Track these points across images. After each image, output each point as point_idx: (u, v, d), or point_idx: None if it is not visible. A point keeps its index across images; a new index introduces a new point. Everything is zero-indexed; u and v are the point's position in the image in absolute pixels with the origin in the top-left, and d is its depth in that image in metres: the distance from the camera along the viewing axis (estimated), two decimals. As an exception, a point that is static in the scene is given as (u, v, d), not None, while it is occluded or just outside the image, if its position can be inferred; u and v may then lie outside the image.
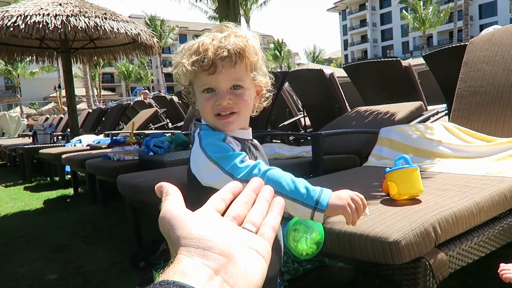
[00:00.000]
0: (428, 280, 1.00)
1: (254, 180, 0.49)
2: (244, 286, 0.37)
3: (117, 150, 3.25)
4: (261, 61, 0.93)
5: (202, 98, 0.90)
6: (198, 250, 0.37)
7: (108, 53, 7.40)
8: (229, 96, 0.88)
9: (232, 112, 0.90)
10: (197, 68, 0.86)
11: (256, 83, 0.93)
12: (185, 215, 0.40)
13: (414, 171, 1.20)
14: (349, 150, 2.73)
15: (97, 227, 3.03)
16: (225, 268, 0.36)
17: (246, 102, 0.91)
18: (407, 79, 3.77)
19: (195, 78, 0.90)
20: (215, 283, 0.35)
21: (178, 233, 0.38)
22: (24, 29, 4.91)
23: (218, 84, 0.87)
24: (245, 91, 0.90)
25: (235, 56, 0.86)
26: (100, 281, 2.04)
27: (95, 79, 37.96)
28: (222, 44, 0.86)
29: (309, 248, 0.90)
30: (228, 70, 0.86)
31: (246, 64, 0.88)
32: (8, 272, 2.27)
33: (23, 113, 25.40)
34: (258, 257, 0.40)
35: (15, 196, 4.66)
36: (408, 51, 56.01)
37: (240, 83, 0.89)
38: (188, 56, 0.88)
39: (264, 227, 0.44)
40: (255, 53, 0.90)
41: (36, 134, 6.56)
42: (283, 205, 0.48)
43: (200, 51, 0.86)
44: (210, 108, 0.89)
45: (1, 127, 15.75)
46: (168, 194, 0.43)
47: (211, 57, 0.84)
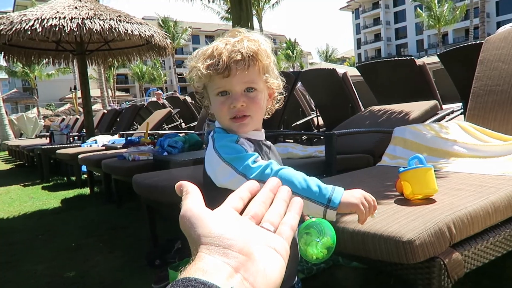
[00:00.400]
0: (443, 280, 1.00)
1: (271, 180, 0.50)
2: (263, 284, 0.38)
3: (132, 150, 3.30)
4: (273, 64, 0.95)
5: (217, 102, 0.93)
6: (218, 248, 0.38)
7: (122, 55, 7.51)
8: (243, 99, 0.90)
9: (245, 115, 0.92)
10: (212, 72, 0.88)
11: (268, 85, 0.95)
12: (205, 213, 0.41)
13: (428, 170, 1.19)
14: (363, 149, 2.72)
15: (112, 226, 3.09)
16: (245, 266, 0.37)
17: (259, 105, 0.93)
18: (422, 78, 3.74)
19: (210, 82, 0.92)
20: (235, 280, 0.36)
21: (198, 232, 0.39)
22: (41, 32, 5.02)
23: (232, 86, 0.90)
24: (258, 94, 0.92)
25: (248, 59, 0.88)
26: (116, 279, 2.08)
27: (109, 81, 38.48)
28: (235, 48, 0.88)
29: (319, 252, 0.89)
30: (241, 73, 0.88)
31: (259, 67, 0.91)
32: (28, 270, 2.32)
33: (40, 114, 25.90)
34: (276, 255, 0.41)
35: (34, 195, 4.77)
36: (423, 49, 55.26)
37: (253, 85, 0.91)
38: (203, 60, 0.90)
39: (282, 226, 0.44)
40: (267, 56, 0.93)
41: (53, 135, 6.68)
42: (302, 205, 0.49)
43: (215, 55, 0.89)
44: (225, 112, 0.92)
45: (19, 128, 16.10)
46: (188, 193, 0.44)
47: (225, 61, 0.87)
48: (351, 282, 1.82)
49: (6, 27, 5.05)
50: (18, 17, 5.19)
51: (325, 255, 0.88)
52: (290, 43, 49.32)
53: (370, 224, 1.05)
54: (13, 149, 9.98)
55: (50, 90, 44.73)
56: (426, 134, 2.07)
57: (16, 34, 5.00)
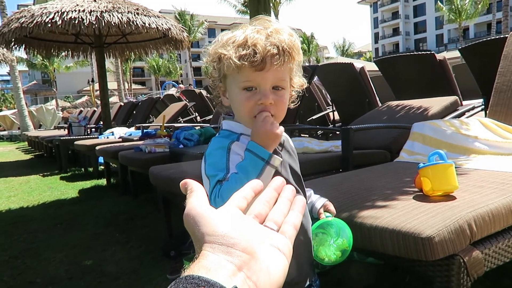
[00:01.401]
0: (462, 278, 0.98)
1: (276, 179, 0.50)
2: (266, 282, 0.38)
3: (149, 142, 3.34)
4: (301, 61, 0.89)
5: (242, 96, 0.84)
6: (222, 247, 0.38)
7: (139, 48, 7.58)
8: (272, 96, 0.83)
9: None
10: (247, 63, 0.80)
11: (291, 83, 0.89)
12: (209, 212, 0.41)
13: (449, 167, 1.17)
14: (379, 145, 2.69)
15: (129, 217, 3.13)
16: (248, 264, 0.38)
17: (285, 104, 0.87)
18: (442, 73, 3.66)
19: (237, 73, 0.83)
20: (238, 279, 0.36)
21: (202, 230, 0.40)
22: (61, 25, 5.10)
23: (263, 81, 0.82)
24: (285, 93, 0.86)
25: (284, 55, 0.81)
26: (132, 269, 2.11)
27: (126, 73, 38.91)
28: (272, 40, 0.81)
29: (332, 254, 0.84)
30: (276, 68, 0.81)
31: (292, 64, 0.85)
32: (47, 257, 2.38)
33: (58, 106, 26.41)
34: (280, 255, 0.41)
35: (52, 185, 4.87)
36: (442, 44, 54.13)
37: (282, 83, 0.85)
38: (235, 49, 0.81)
39: (285, 225, 0.45)
40: (300, 52, 0.86)
41: (71, 126, 6.80)
42: (305, 204, 0.49)
43: (249, 45, 0.80)
44: (250, 108, 0.84)
45: (39, 119, 16.45)
46: (193, 191, 0.44)
47: (262, 53, 0.79)
48: (366, 278, 1.81)
49: (27, 19, 5.15)
50: (38, 10, 5.28)
51: (338, 258, 0.84)
52: (306, 37, 48.90)
53: (389, 220, 1.04)
54: (32, 139, 10.21)
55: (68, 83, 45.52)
56: (446, 130, 2.04)
57: (37, 27, 5.10)
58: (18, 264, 2.31)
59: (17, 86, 13.90)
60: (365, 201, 1.23)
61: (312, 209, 0.99)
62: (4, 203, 4.01)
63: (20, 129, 15.50)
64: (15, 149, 12.20)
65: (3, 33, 5.42)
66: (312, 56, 48.96)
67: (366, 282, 1.75)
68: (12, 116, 18.99)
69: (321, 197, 1.02)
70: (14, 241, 2.75)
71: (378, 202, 1.19)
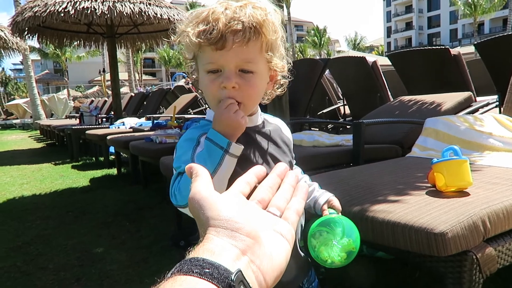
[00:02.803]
0: (475, 274, 0.98)
1: (279, 166, 0.50)
2: (269, 267, 0.38)
3: (159, 133, 3.35)
4: (279, 41, 0.78)
5: (206, 79, 0.77)
6: (226, 231, 0.38)
7: (151, 39, 7.60)
8: (236, 79, 0.74)
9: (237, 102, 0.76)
10: (203, 41, 0.72)
11: (270, 66, 0.79)
12: (214, 196, 0.41)
13: (464, 163, 1.16)
14: (391, 140, 2.67)
15: (139, 207, 3.16)
16: (252, 249, 0.38)
17: (255, 90, 0.77)
18: (456, 68, 3.61)
19: (200, 52, 0.76)
20: (242, 262, 0.37)
21: (207, 214, 0.40)
22: (73, 14, 5.13)
23: (226, 62, 0.74)
24: (255, 77, 0.76)
25: (250, 31, 0.72)
26: (142, 258, 2.14)
27: (136, 64, 39.07)
28: (236, 15, 0.72)
29: (336, 256, 0.75)
30: (239, 47, 0.72)
31: (262, 42, 0.74)
32: (59, 244, 2.42)
33: (69, 95, 26.66)
34: (282, 240, 0.42)
35: (64, 173, 4.94)
36: (456, 39, 53.29)
37: (250, 66, 0.75)
38: (195, 25, 0.74)
39: (288, 211, 0.45)
40: (274, 30, 0.75)
41: (83, 116, 6.87)
42: (307, 190, 0.49)
43: (210, 20, 0.72)
44: (215, 91, 0.76)
45: (50, 108, 16.65)
46: (198, 176, 0.44)
47: (221, 29, 0.71)
48: (375, 272, 1.80)
49: (41, 9, 5.19)
50: (51, 0, 5.31)
51: (343, 260, 0.75)
52: (318, 30, 48.47)
53: (401, 215, 1.03)
54: (44, 128, 10.35)
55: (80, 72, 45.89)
56: (460, 126, 2.01)
57: (50, 16, 5.13)
58: (31, 250, 2.35)
59: (29, 75, 14.06)
60: (377, 195, 1.22)
61: (315, 205, 0.90)
62: (17, 190, 4.08)
63: (32, 118, 15.72)
64: (27, 137, 12.38)
65: (17, 22, 5.48)
66: (323, 49, 48.56)
67: (375, 277, 1.75)
68: (24, 104, 19.26)
69: (326, 192, 0.92)
70: (27, 228, 2.80)
71: (390, 197, 1.19)
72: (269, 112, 0.94)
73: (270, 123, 0.89)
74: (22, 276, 1.98)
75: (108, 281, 1.88)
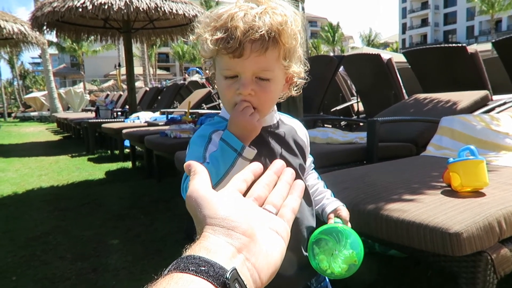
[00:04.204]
0: (489, 275, 0.98)
1: (276, 163, 0.51)
2: (265, 264, 0.39)
3: (174, 128, 3.39)
4: (298, 47, 0.77)
5: (223, 84, 0.77)
6: (223, 229, 0.39)
7: (166, 34, 7.65)
8: (253, 86, 0.74)
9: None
10: (221, 49, 0.72)
11: (287, 72, 0.79)
12: (211, 195, 0.42)
13: (480, 163, 1.15)
14: (405, 138, 2.65)
15: (153, 200, 3.22)
16: (248, 247, 0.39)
17: (270, 96, 0.78)
18: (473, 66, 3.56)
19: (217, 57, 0.76)
20: (238, 260, 0.38)
21: (204, 212, 0.41)
22: (91, 10, 5.20)
23: (243, 70, 0.73)
24: (271, 85, 0.76)
25: (268, 41, 0.70)
26: (157, 250, 2.18)
27: (151, 59, 39.32)
28: (255, 24, 0.70)
29: (337, 267, 0.71)
30: (257, 56, 0.71)
31: (280, 50, 0.73)
32: (76, 235, 2.48)
33: (85, 89, 27.02)
34: (278, 238, 0.43)
35: (80, 166, 5.03)
36: (473, 36, 52.24)
37: (267, 74, 0.74)
38: (213, 31, 0.73)
39: (284, 209, 0.46)
40: (294, 37, 0.74)
41: (99, 109, 6.97)
42: (303, 188, 0.50)
43: (228, 27, 0.71)
44: (231, 96, 0.76)
45: (67, 101, 16.91)
46: (196, 174, 0.45)
47: (239, 38, 0.69)
48: (387, 271, 1.81)
49: (59, 4, 5.27)
50: (70, -5, 5.39)
51: (343, 272, 0.72)
52: (331, 26, 48.02)
53: (416, 214, 1.04)
54: (61, 121, 10.53)
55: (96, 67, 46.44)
56: (476, 125, 1.99)
57: (68, 11, 5.22)
58: (50, 240, 2.41)
59: (47, 68, 14.30)
60: (392, 194, 1.23)
61: (322, 212, 0.89)
62: (36, 181, 4.19)
63: (50, 111, 16.00)
64: (45, 130, 12.63)
65: (36, 17, 5.58)
66: (337, 46, 48.12)
67: (386, 275, 1.75)
68: (42, 97, 19.60)
69: (336, 200, 0.90)
70: (45, 218, 2.88)
71: (405, 196, 1.19)
72: (283, 109, 0.92)
73: (285, 124, 0.88)
74: (41, 265, 2.04)
75: (124, 272, 1.93)
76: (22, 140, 9.18)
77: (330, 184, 0.96)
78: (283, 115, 0.90)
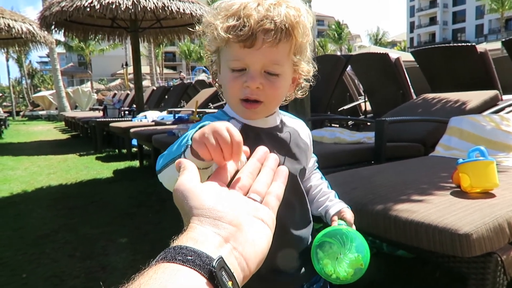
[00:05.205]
0: (499, 276, 0.98)
1: (259, 150, 0.51)
2: (252, 253, 0.40)
3: (182, 127, 3.41)
4: (308, 45, 0.75)
5: (229, 75, 0.73)
6: (209, 219, 0.40)
7: (173, 33, 7.68)
8: (261, 80, 0.71)
9: (258, 101, 0.73)
10: (232, 37, 0.68)
11: (296, 69, 0.76)
12: (197, 187, 0.43)
13: (490, 164, 1.15)
14: (413, 138, 2.64)
15: (161, 198, 3.23)
16: (234, 236, 0.40)
17: (277, 92, 0.74)
18: (482, 66, 3.52)
19: (226, 47, 0.72)
20: (225, 250, 0.38)
21: (190, 204, 0.42)
22: (99, 9, 5.24)
23: (252, 61, 0.70)
24: (280, 80, 0.73)
25: (282, 32, 0.68)
26: (165, 248, 2.19)
27: (158, 58, 39.46)
28: (269, 14, 0.67)
29: (342, 271, 0.69)
30: (268, 47, 0.68)
31: (291, 44, 0.71)
32: (85, 233, 2.51)
33: (93, 88, 27.21)
34: (264, 226, 0.43)
35: (88, 164, 5.08)
36: (482, 35, 51.72)
37: (277, 69, 0.72)
38: (224, 18, 0.69)
39: (268, 196, 0.47)
40: (305, 33, 0.72)
41: (107, 109, 7.02)
42: (287, 174, 0.50)
43: (241, 15, 0.67)
44: (237, 90, 0.73)
45: (75, 100, 17.04)
46: (185, 169, 0.46)
47: (252, 26, 0.67)
48: (395, 271, 1.80)
49: (68, 3, 5.32)
50: (78, -6, 5.43)
51: (349, 277, 0.69)
52: (338, 25, 47.82)
53: (425, 215, 1.04)
54: (69, 120, 10.63)
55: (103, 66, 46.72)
56: (486, 126, 1.98)
57: (76, 11, 5.26)
58: (59, 238, 2.44)
59: (55, 67, 14.42)
60: (400, 194, 1.23)
61: (325, 214, 0.86)
62: (45, 180, 4.23)
63: (58, 110, 16.14)
64: (53, 129, 12.74)
65: (45, 17, 5.63)
66: (344, 44, 47.92)
67: (394, 276, 1.75)
68: (50, 96, 19.78)
69: (340, 202, 0.87)
70: (54, 216, 2.91)
71: (413, 196, 1.19)
72: (290, 108, 0.90)
73: (287, 126, 0.84)
74: (51, 263, 2.07)
75: (133, 270, 1.91)
76: (30, 139, 9.28)
77: (338, 184, 0.96)
78: (286, 115, 0.87)
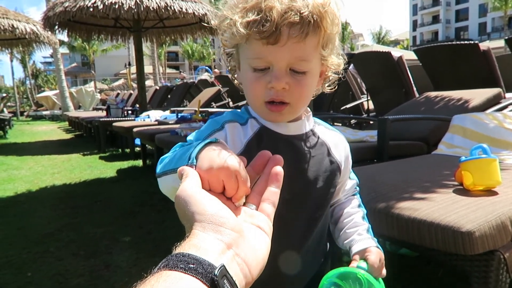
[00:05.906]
0: (501, 274, 0.98)
1: (260, 155, 0.51)
2: (254, 259, 0.40)
3: (184, 126, 3.42)
4: (337, 36, 0.67)
5: (250, 75, 0.66)
6: (212, 225, 0.40)
7: (176, 33, 7.69)
8: (287, 79, 0.63)
9: (284, 102, 0.65)
10: (253, 33, 0.60)
11: (324, 63, 0.69)
12: (199, 193, 0.43)
13: (493, 161, 1.15)
14: (416, 136, 2.64)
15: (164, 198, 3.19)
16: (237, 242, 0.40)
17: (305, 91, 0.67)
18: (485, 64, 3.51)
19: (246, 44, 0.64)
20: (227, 256, 0.38)
21: (192, 209, 0.42)
22: (102, 9, 5.26)
23: (276, 59, 0.62)
24: (307, 77, 0.65)
25: (309, 25, 0.60)
26: (168, 248, 2.17)
27: (160, 57, 39.53)
28: (294, 4, 0.59)
29: None
30: (295, 43, 0.61)
31: (319, 37, 0.63)
32: (88, 232, 2.52)
33: (96, 88, 27.29)
34: (262, 233, 0.44)
35: (92, 164, 5.10)
36: (485, 33, 51.49)
37: (304, 66, 0.64)
38: (243, 12, 0.61)
39: (263, 203, 0.47)
40: (335, 23, 0.63)
41: (110, 108, 7.04)
42: (281, 176, 0.49)
43: (262, 8, 0.59)
44: (261, 91, 0.65)
45: (78, 100, 17.10)
46: (187, 176, 0.46)
47: (276, 20, 0.59)
48: (397, 270, 1.80)
49: (71, 4, 5.34)
50: (81, -5, 5.45)
51: None
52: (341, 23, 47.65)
53: (427, 212, 1.04)
54: (72, 120, 10.67)
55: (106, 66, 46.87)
56: (488, 124, 1.98)
57: (80, 11, 5.28)
58: (63, 237, 2.45)
59: (59, 68, 14.47)
60: (403, 192, 1.23)
61: (350, 250, 0.77)
62: (49, 179, 4.25)
63: (61, 109, 16.21)
64: (56, 128, 12.80)
65: (48, 17, 5.65)
66: (347, 43, 47.82)
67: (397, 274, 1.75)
68: (54, 96, 19.85)
69: (369, 238, 0.77)
70: (58, 215, 2.93)
71: (416, 194, 1.19)
72: None
73: (317, 137, 0.75)
74: (55, 261, 2.08)
75: (136, 268, 1.95)
76: (34, 139, 9.32)
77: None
78: (321, 124, 0.78)
